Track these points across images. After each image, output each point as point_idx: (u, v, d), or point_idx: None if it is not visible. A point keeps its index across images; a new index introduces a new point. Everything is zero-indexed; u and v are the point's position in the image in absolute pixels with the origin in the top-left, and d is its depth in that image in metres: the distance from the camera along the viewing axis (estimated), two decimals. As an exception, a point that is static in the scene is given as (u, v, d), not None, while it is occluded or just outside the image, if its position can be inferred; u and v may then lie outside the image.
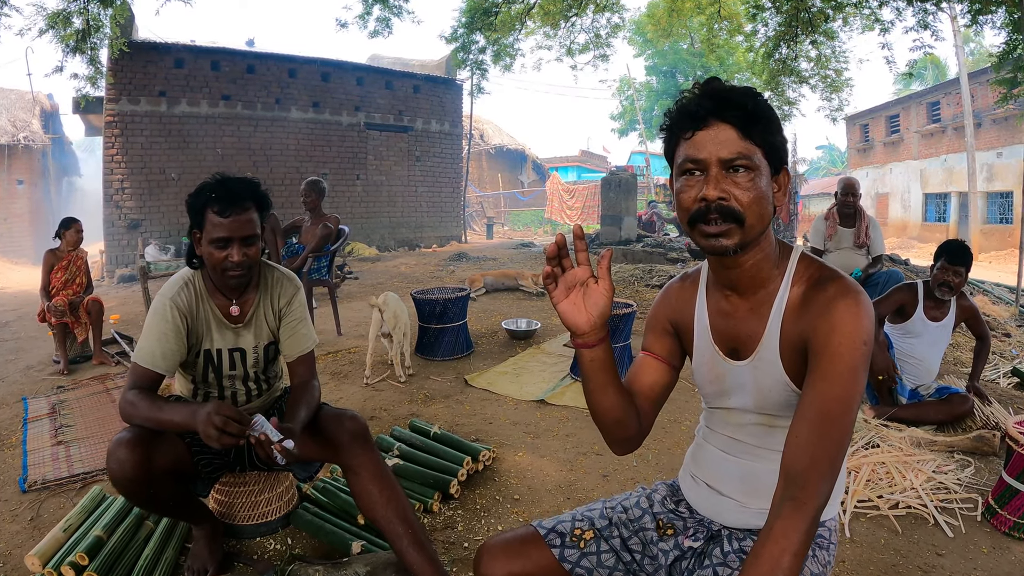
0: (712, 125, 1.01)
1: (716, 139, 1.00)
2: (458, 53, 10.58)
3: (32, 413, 3.58)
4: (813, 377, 0.98)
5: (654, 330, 1.29)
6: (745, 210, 1.00)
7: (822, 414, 0.95)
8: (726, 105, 1.00)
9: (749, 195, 1.00)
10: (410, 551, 1.76)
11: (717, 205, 1.00)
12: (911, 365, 3.43)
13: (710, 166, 1.01)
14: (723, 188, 1.00)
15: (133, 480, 1.64)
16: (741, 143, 1.00)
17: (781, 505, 0.93)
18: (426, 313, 4.55)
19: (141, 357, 1.77)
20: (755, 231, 1.03)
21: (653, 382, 1.25)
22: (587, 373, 1.13)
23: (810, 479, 0.92)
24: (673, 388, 1.29)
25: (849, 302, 0.99)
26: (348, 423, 1.86)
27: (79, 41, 7.23)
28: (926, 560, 2.12)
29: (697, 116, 1.01)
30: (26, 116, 15.22)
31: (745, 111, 1.00)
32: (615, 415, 1.16)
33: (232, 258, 1.76)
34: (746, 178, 1.00)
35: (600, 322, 1.08)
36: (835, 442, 0.94)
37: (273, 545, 2.16)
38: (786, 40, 9.37)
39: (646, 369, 1.26)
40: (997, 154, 17.51)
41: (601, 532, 1.26)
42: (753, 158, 1.00)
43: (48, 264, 4.76)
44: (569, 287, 1.07)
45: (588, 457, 2.93)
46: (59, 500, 2.51)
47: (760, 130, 1.01)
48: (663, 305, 1.29)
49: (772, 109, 1.03)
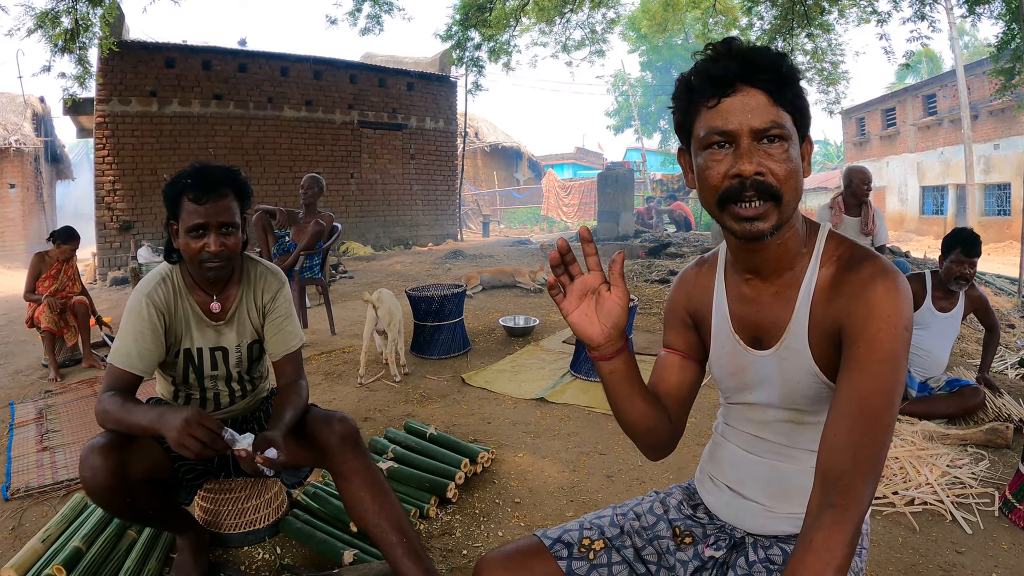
0: (740, 90, 0.89)
1: (746, 106, 0.89)
2: (453, 50, 10.50)
3: (19, 418, 3.50)
4: (850, 368, 0.88)
5: (673, 325, 1.19)
6: (782, 185, 0.90)
7: (862, 409, 0.85)
8: (755, 67, 0.89)
9: (785, 168, 0.90)
10: (404, 562, 1.66)
11: (753, 181, 0.89)
12: (920, 357, 3.35)
13: (741, 137, 0.89)
14: (758, 161, 0.89)
15: (108, 489, 1.54)
16: (773, 109, 0.89)
17: (821, 514, 0.82)
18: (422, 310, 4.46)
19: (117, 358, 1.67)
20: (791, 209, 0.93)
21: (679, 381, 1.16)
22: (609, 387, 1.04)
23: (853, 483, 0.82)
24: (701, 383, 1.20)
25: (887, 284, 0.88)
26: (337, 426, 1.76)
27: (67, 41, 7.13)
28: (946, 559, 2.04)
29: (724, 81, 0.90)
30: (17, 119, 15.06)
31: (778, 73, 0.89)
32: (646, 424, 1.08)
33: (209, 248, 1.66)
34: (780, 149, 0.90)
35: (616, 332, 0.97)
36: (878, 440, 0.84)
37: (261, 555, 2.07)
38: (782, 33, 9.32)
39: (670, 368, 1.17)
40: (994, 146, 17.48)
41: (612, 542, 1.15)
42: (786, 126, 0.90)
43: (35, 269, 4.64)
44: (580, 296, 0.97)
45: (591, 457, 2.84)
46: (42, 508, 2.42)
47: (792, 94, 0.90)
48: (679, 295, 1.19)
49: (799, 71, 0.92)
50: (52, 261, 4.66)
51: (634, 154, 26.23)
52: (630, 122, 29.95)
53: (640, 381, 1.05)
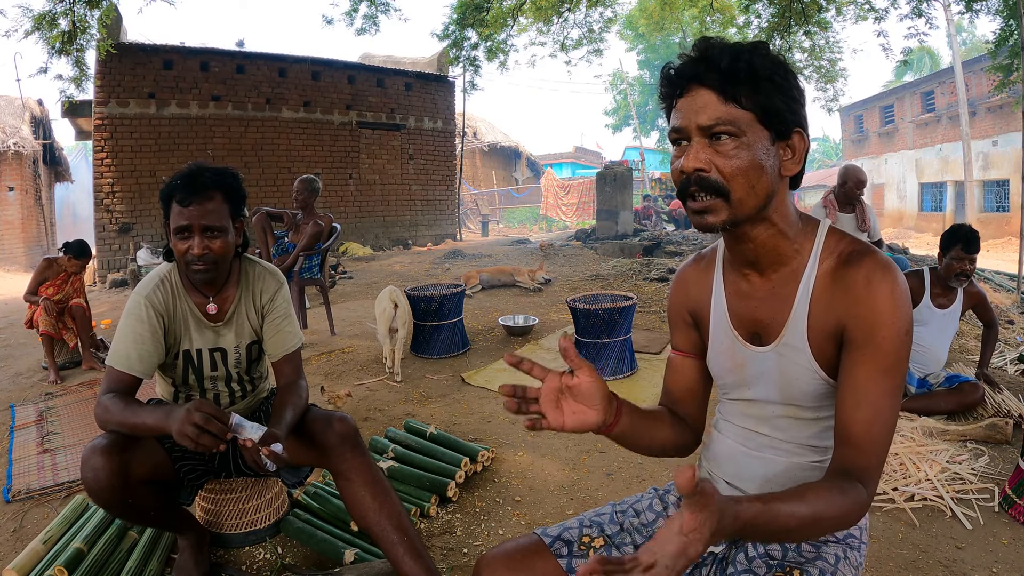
0: (691, 90, 0.92)
1: (693, 105, 0.91)
2: (450, 50, 10.51)
3: (19, 421, 3.49)
4: (857, 372, 0.91)
5: (676, 325, 1.20)
6: (729, 182, 0.91)
7: (874, 412, 0.89)
8: (705, 67, 0.90)
9: (732, 164, 0.90)
10: (406, 560, 1.66)
11: (696, 177, 0.91)
12: (919, 354, 3.34)
13: (691, 135, 0.92)
14: (702, 158, 0.91)
15: (109, 489, 1.54)
16: (722, 107, 0.90)
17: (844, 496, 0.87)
18: (421, 310, 4.46)
19: (116, 360, 1.67)
20: (747, 205, 0.93)
21: (691, 380, 1.18)
22: (626, 443, 1.05)
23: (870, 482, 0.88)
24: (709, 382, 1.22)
25: (888, 284, 0.90)
26: (337, 425, 1.76)
27: (65, 43, 7.13)
28: (946, 554, 2.04)
29: (675, 82, 0.93)
30: (16, 122, 15.02)
31: (724, 72, 0.90)
32: (671, 445, 1.13)
33: (192, 250, 1.65)
34: (731, 146, 0.90)
35: (605, 404, 0.95)
36: (886, 441, 0.89)
37: (263, 554, 2.07)
38: (779, 31, 9.32)
39: (681, 370, 1.19)
40: (992, 142, 17.49)
41: (612, 539, 1.14)
42: (738, 124, 0.90)
43: (41, 273, 4.63)
44: (555, 404, 0.93)
45: (591, 455, 2.84)
46: (43, 510, 2.42)
47: (747, 92, 0.90)
48: (678, 295, 1.20)
49: (771, 66, 0.91)
50: (60, 270, 4.65)
51: (632, 153, 26.22)
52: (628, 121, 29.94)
53: (650, 419, 1.07)
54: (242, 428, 1.49)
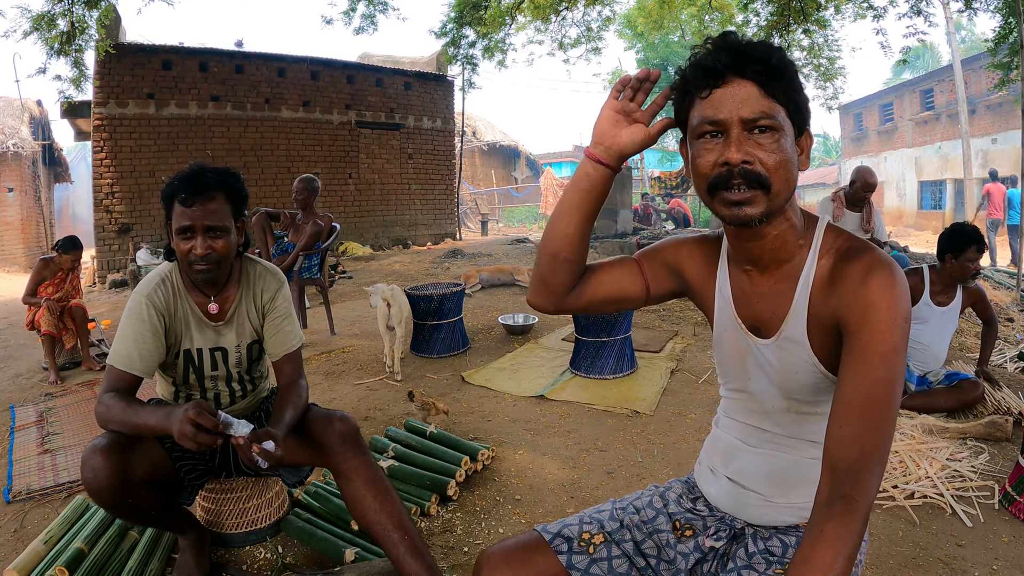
0: (731, 82, 0.91)
1: (736, 97, 0.90)
2: (448, 48, 10.50)
3: (19, 421, 3.49)
4: (852, 360, 0.89)
5: (652, 258, 1.19)
6: (771, 175, 0.91)
7: (868, 401, 0.86)
8: (746, 59, 0.90)
9: (775, 158, 0.91)
10: (407, 559, 1.66)
11: (741, 169, 0.91)
12: (919, 351, 3.35)
13: (730, 127, 0.91)
14: (747, 151, 0.90)
15: (110, 489, 1.54)
16: (764, 101, 0.90)
17: (831, 504, 0.84)
18: (421, 309, 4.46)
19: (117, 359, 1.67)
20: (781, 198, 0.94)
21: (616, 280, 1.17)
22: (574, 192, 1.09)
23: (862, 473, 0.84)
24: (626, 308, 1.21)
25: (884, 276, 0.90)
26: (337, 424, 1.76)
27: (63, 43, 7.12)
28: (946, 552, 2.04)
29: (714, 72, 0.92)
30: (15, 123, 15.03)
31: (768, 65, 0.90)
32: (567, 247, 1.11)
33: (196, 251, 1.66)
34: (770, 139, 0.91)
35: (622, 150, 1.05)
36: (884, 431, 0.85)
37: (263, 554, 2.07)
38: (778, 30, 9.32)
39: (624, 271, 1.18)
40: (992, 140, 17.49)
41: (612, 535, 1.15)
42: (777, 117, 0.91)
43: (39, 274, 4.65)
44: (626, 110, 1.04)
45: (591, 454, 2.84)
46: (44, 510, 2.41)
47: (784, 87, 0.91)
48: (674, 249, 1.19)
49: (794, 65, 0.93)
50: (57, 269, 4.66)
51: (632, 151, 26.15)
52: (627, 120, 29.85)
53: (593, 212, 1.10)
54: (230, 425, 1.50)
